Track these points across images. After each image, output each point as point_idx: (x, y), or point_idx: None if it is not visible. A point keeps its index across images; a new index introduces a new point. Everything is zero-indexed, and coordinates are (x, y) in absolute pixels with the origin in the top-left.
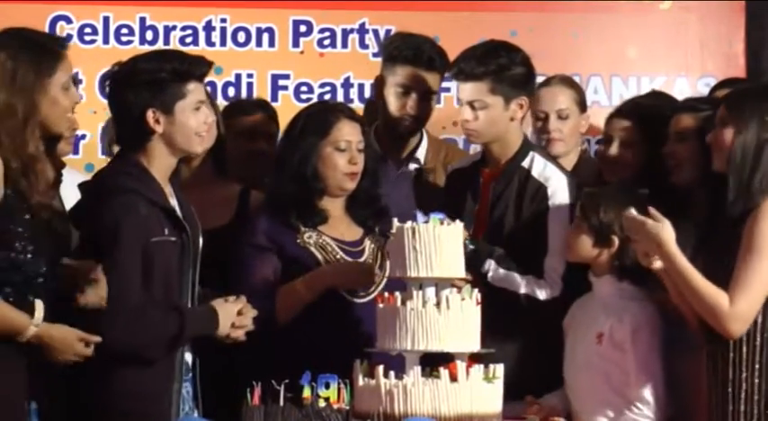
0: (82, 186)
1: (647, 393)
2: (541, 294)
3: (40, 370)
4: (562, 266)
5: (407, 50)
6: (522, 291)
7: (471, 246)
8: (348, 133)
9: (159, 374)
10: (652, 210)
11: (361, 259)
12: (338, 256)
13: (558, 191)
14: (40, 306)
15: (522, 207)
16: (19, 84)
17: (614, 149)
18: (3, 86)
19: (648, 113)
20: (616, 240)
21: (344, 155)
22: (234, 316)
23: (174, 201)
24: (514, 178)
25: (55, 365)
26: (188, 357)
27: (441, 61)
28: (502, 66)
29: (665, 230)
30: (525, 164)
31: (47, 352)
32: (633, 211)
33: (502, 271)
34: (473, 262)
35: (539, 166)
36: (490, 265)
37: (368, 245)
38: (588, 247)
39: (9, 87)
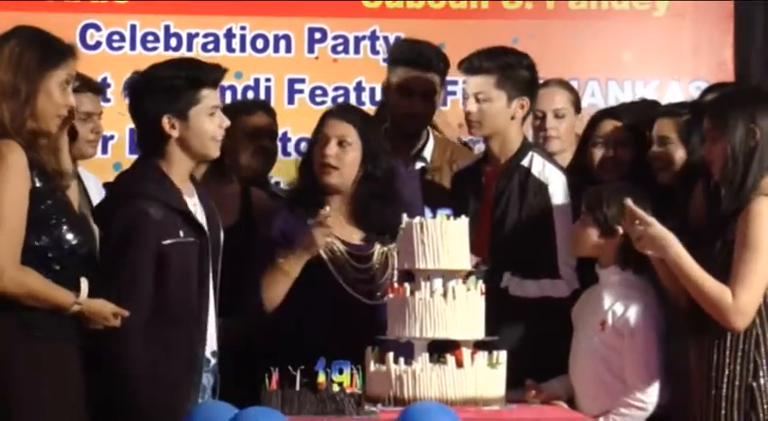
0: (105, 187)
1: (646, 380)
2: (563, 293)
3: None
4: (574, 260)
5: (408, 53)
6: (544, 294)
7: (485, 268)
8: (328, 126)
9: (181, 367)
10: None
11: (368, 265)
12: (344, 258)
13: (559, 190)
14: (84, 285)
15: (524, 205)
16: (23, 68)
17: (609, 151)
18: (9, 68)
19: (637, 117)
20: (620, 230)
21: (319, 148)
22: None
23: (193, 201)
24: (515, 176)
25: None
26: (211, 348)
27: (440, 63)
28: (509, 63)
29: (670, 233)
30: (525, 163)
31: (81, 320)
32: (631, 202)
33: (520, 281)
34: (489, 282)
35: (538, 165)
36: (506, 279)
37: (377, 250)
38: (594, 239)
39: (15, 70)
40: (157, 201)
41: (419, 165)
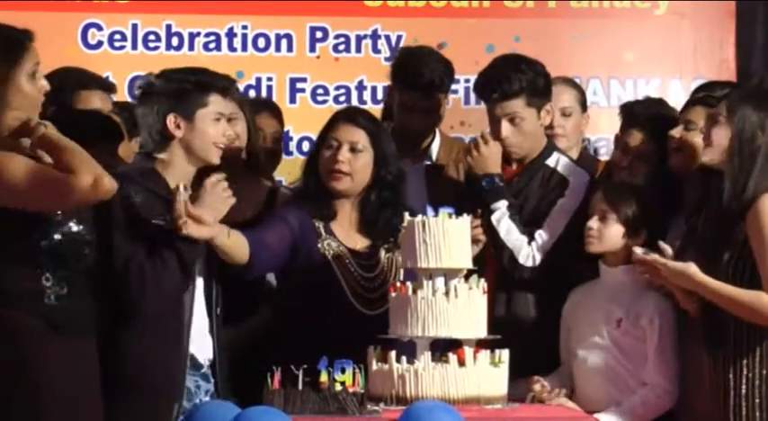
0: None
1: (663, 377)
2: (521, 258)
3: None
4: (549, 245)
5: (409, 74)
6: (509, 244)
7: (500, 183)
8: (339, 131)
9: (162, 341)
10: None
11: (374, 273)
12: (352, 268)
13: (579, 185)
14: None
15: (543, 198)
16: None
17: (628, 160)
18: None
19: (664, 128)
20: (645, 232)
21: (330, 152)
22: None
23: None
24: (537, 174)
25: None
26: (205, 356)
27: (444, 80)
28: (531, 79)
29: (690, 265)
30: (550, 163)
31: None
32: (639, 252)
33: (507, 216)
34: (491, 195)
35: (564, 164)
36: (502, 206)
37: (383, 256)
38: (618, 238)
39: None
40: (139, 185)
41: (425, 163)
